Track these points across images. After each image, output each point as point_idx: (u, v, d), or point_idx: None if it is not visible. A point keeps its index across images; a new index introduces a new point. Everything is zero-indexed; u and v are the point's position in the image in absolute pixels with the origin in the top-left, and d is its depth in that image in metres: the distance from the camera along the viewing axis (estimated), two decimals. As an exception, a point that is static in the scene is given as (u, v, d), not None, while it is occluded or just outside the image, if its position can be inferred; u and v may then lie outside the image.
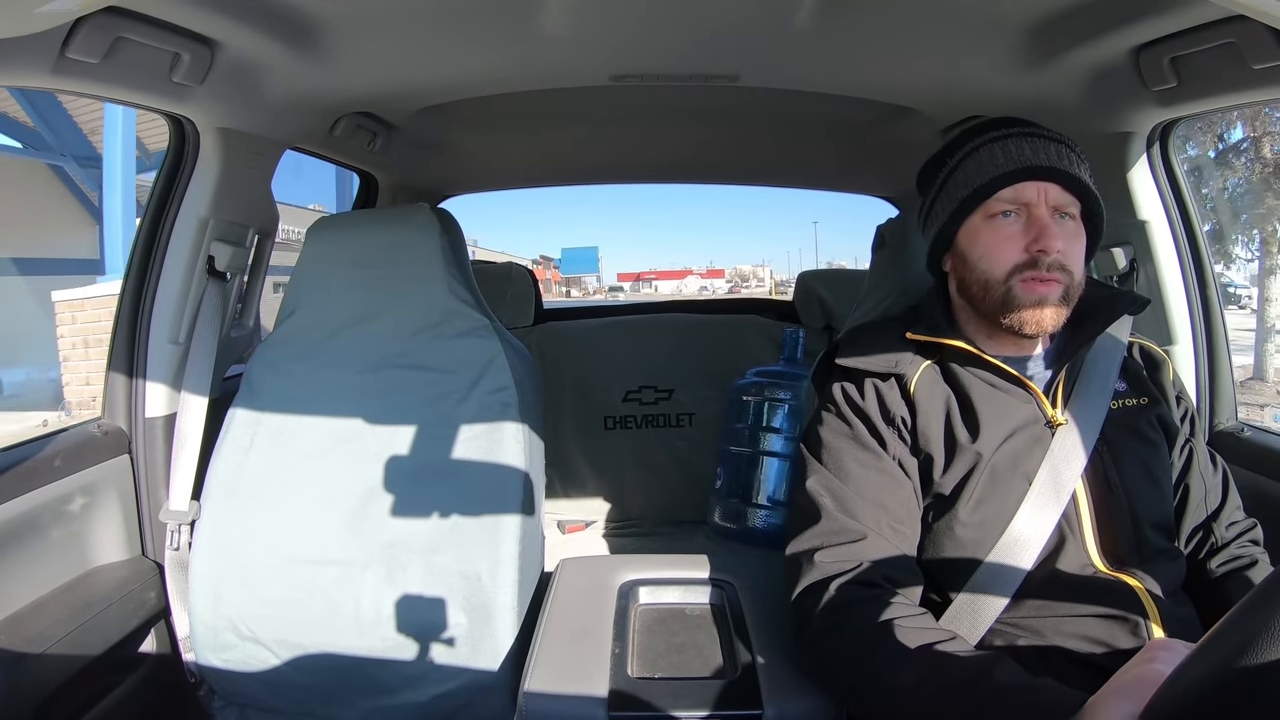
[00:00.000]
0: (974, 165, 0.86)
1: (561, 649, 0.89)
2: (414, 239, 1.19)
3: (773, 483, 1.55)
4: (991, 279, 0.84)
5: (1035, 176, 0.83)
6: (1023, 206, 0.84)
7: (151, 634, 1.20)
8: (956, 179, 0.88)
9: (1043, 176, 0.83)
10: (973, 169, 0.86)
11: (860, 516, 0.83)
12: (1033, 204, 0.83)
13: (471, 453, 1.09)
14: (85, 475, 1.14)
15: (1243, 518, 0.92)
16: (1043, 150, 0.84)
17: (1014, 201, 0.83)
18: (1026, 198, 0.83)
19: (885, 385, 0.89)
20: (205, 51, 0.97)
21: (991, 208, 0.84)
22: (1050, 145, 0.85)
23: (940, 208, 0.90)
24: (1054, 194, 0.83)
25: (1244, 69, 0.89)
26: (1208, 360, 1.23)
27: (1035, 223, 0.83)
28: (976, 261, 0.86)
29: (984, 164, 0.85)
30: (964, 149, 0.88)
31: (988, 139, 0.87)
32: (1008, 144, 0.85)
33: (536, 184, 2.34)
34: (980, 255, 0.85)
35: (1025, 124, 0.88)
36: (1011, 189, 0.83)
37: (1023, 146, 0.84)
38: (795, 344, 1.66)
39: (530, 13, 0.96)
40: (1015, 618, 0.80)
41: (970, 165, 0.87)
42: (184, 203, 1.21)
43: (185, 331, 1.23)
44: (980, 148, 0.87)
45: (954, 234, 0.88)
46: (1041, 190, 0.83)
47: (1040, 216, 0.83)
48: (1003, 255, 0.83)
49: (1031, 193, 0.83)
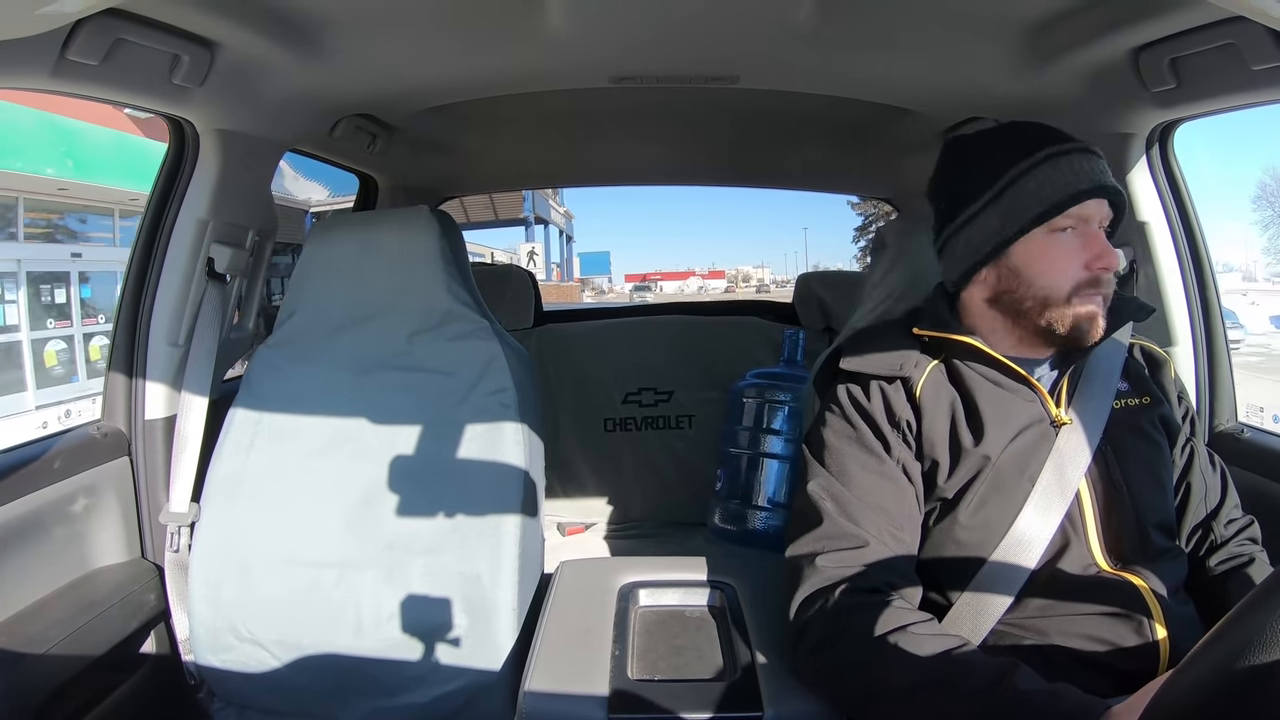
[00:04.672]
0: (1044, 180, 0.83)
1: (561, 651, 0.89)
2: (414, 240, 1.19)
3: (772, 485, 1.55)
4: (1054, 296, 0.83)
5: (1104, 195, 0.84)
6: (1080, 222, 0.84)
7: (151, 635, 1.20)
8: (1023, 193, 0.84)
9: (1109, 195, 0.84)
10: (1044, 184, 0.83)
11: (861, 521, 0.82)
12: (1091, 220, 0.84)
13: (471, 454, 1.09)
14: (85, 477, 1.14)
15: (1241, 516, 0.93)
16: (1099, 167, 0.85)
17: (1076, 218, 0.84)
18: (1088, 214, 0.83)
19: (891, 388, 0.88)
20: (205, 53, 0.97)
21: (1058, 223, 0.84)
22: (1099, 161, 0.85)
23: (996, 221, 0.85)
24: (1104, 210, 0.85)
25: (1243, 70, 0.90)
26: (1207, 361, 1.23)
27: (1094, 240, 0.83)
28: (1036, 278, 0.84)
29: (1054, 180, 0.83)
30: (1024, 162, 0.85)
31: (1049, 154, 0.84)
32: (1072, 160, 0.84)
33: (536, 185, 2.36)
34: (1042, 272, 0.84)
35: (1070, 137, 0.86)
36: (1079, 206, 0.83)
37: (1084, 163, 0.84)
38: (795, 346, 1.66)
39: (531, 14, 0.96)
40: (1018, 618, 0.80)
41: (1038, 180, 0.84)
42: (183, 204, 1.21)
43: (185, 333, 1.23)
44: (1044, 162, 0.84)
45: (1008, 248, 0.86)
46: (1099, 207, 0.84)
47: (1097, 234, 0.84)
48: (1067, 272, 0.83)
49: (1093, 209, 0.84)
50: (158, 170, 1.22)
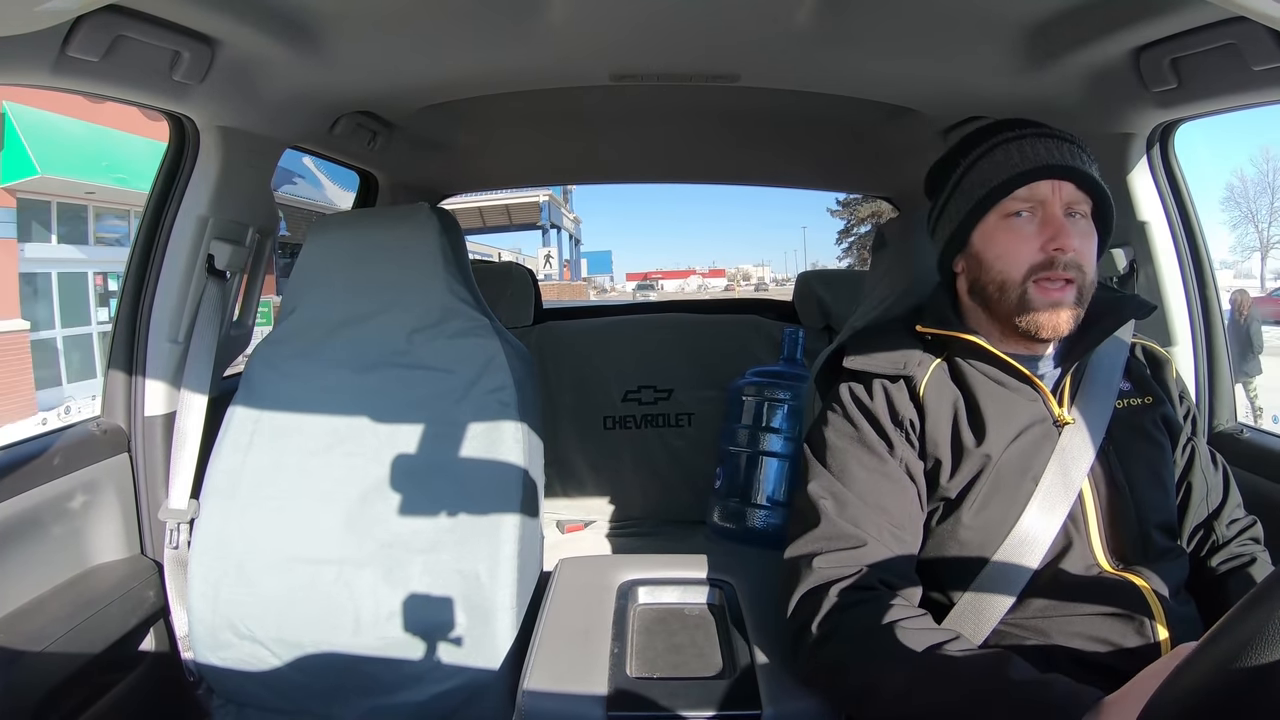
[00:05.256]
0: (989, 165, 0.86)
1: (560, 649, 0.89)
2: (413, 238, 1.19)
3: (772, 483, 1.55)
4: (1009, 280, 0.84)
5: (1051, 175, 0.83)
6: (1037, 205, 0.84)
7: (150, 633, 1.20)
8: (972, 179, 0.87)
9: (1058, 175, 0.83)
10: (988, 169, 0.86)
11: (861, 522, 0.82)
12: (1047, 203, 0.83)
13: (471, 452, 1.09)
14: (84, 474, 1.14)
15: (1243, 515, 0.93)
16: (1056, 149, 0.84)
17: (1029, 200, 0.84)
18: (1041, 196, 0.83)
19: (894, 387, 0.88)
20: (205, 50, 0.97)
21: (1007, 207, 0.84)
22: (1064, 145, 0.85)
23: (954, 208, 0.89)
24: (1067, 192, 0.83)
25: (1244, 70, 0.89)
26: (1207, 362, 1.23)
27: (1051, 222, 0.83)
28: (993, 262, 0.85)
29: (1000, 164, 0.85)
30: (978, 149, 0.88)
31: (1003, 139, 0.87)
32: (1023, 144, 0.85)
33: (537, 183, 2.36)
34: (997, 255, 0.85)
35: (1038, 125, 0.88)
36: (1027, 188, 0.83)
37: (1037, 146, 0.84)
38: (795, 344, 1.66)
39: (531, 13, 0.96)
40: (1020, 618, 0.80)
41: (985, 165, 0.86)
42: (184, 201, 1.21)
43: (185, 330, 1.23)
44: (995, 148, 0.86)
45: (968, 235, 0.88)
46: (1056, 189, 0.83)
47: (1055, 215, 0.83)
48: (1020, 255, 0.83)
49: (1046, 191, 0.83)
50: (158, 167, 1.22)
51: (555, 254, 22.28)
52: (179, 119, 1.16)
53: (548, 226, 20.95)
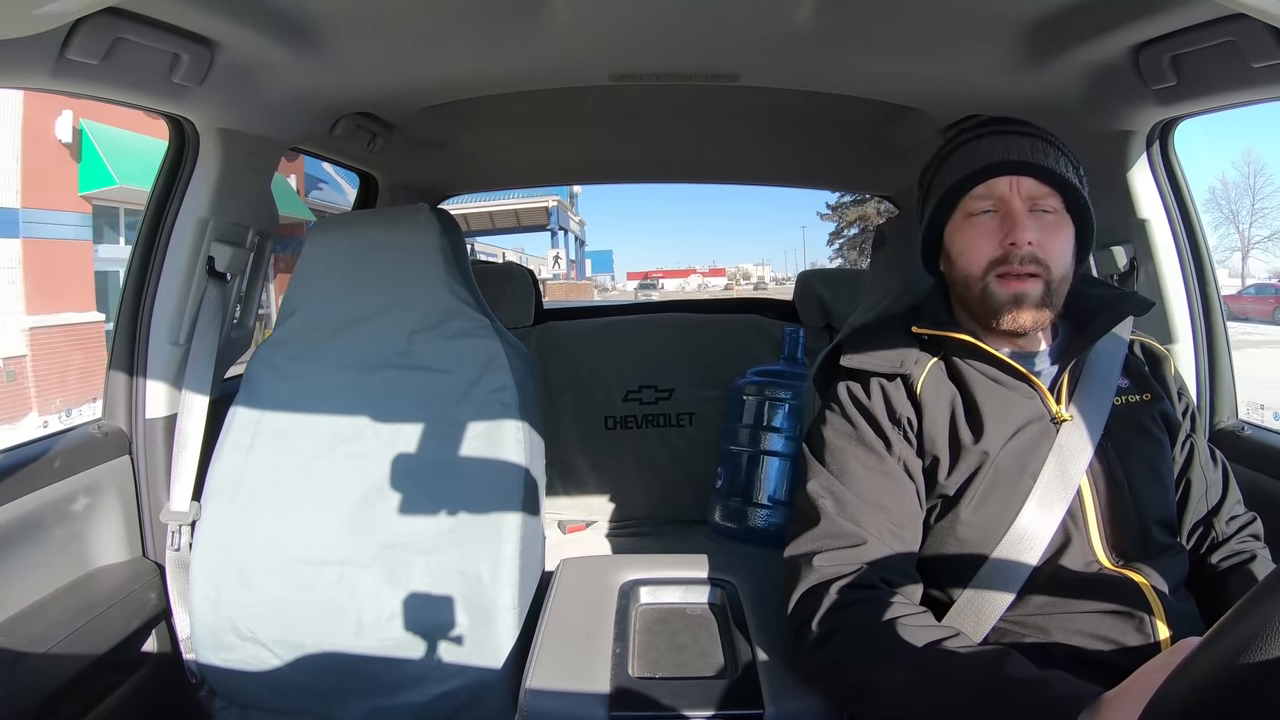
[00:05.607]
0: (951, 165, 0.89)
1: (562, 649, 0.89)
2: (414, 239, 1.19)
3: (773, 482, 1.55)
4: (971, 275, 0.86)
5: (1006, 171, 0.84)
6: (999, 202, 0.85)
7: (153, 634, 1.20)
8: (939, 180, 0.90)
9: (1013, 170, 0.84)
10: (951, 168, 0.89)
11: (860, 520, 0.82)
12: (1006, 198, 0.84)
13: (472, 452, 1.09)
14: (86, 476, 1.14)
15: (1243, 512, 0.93)
16: (1015, 145, 0.85)
17: (988, 197, 0.85)
18: (999, 192, 0.84)
19: (891, 385, 0.89)
20: (205, 52, 0.97)
21: (970, 206, 0.86)
22: (1025, 140, 0.86)
23: (926, 208, 0.93)
24: (1027, 186, 0.84)
25: (1244, 68, 0.89)
26: (1208, 359, 1.23)
27: (1009, 218, 0.84)
28: (957, 258, 0.88)
29: (959, 163, 0.88)
30: (944, 151, 0.92)
31: (963, 139, 0.90)
32: (980, 142, 0.87)
33: (537, 184, 2.35)
34: (960, 252, 0.87)
35: (1004, 121, 0.89)
36: (985, 185, 0.85)
37: (994, 143, 0.86)
38: (795, 343, 1.66)
39: (530, 13, 0.96)
40: (1019, 615, 0.80)
41: (949, 165, 0.89)
42: (184, 203, 1.21)
43: (185, 332, 1.23)
44: (958, 148, 0.89)
45: (939, 234, 0.91)
46: (1013, 184, 0.84)
47: (1014, 210, 0.84)
48: (980, 251, 0.85)
49: (1003, 187, 0.84)
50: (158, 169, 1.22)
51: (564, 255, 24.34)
52: (179, 121, 1.16)
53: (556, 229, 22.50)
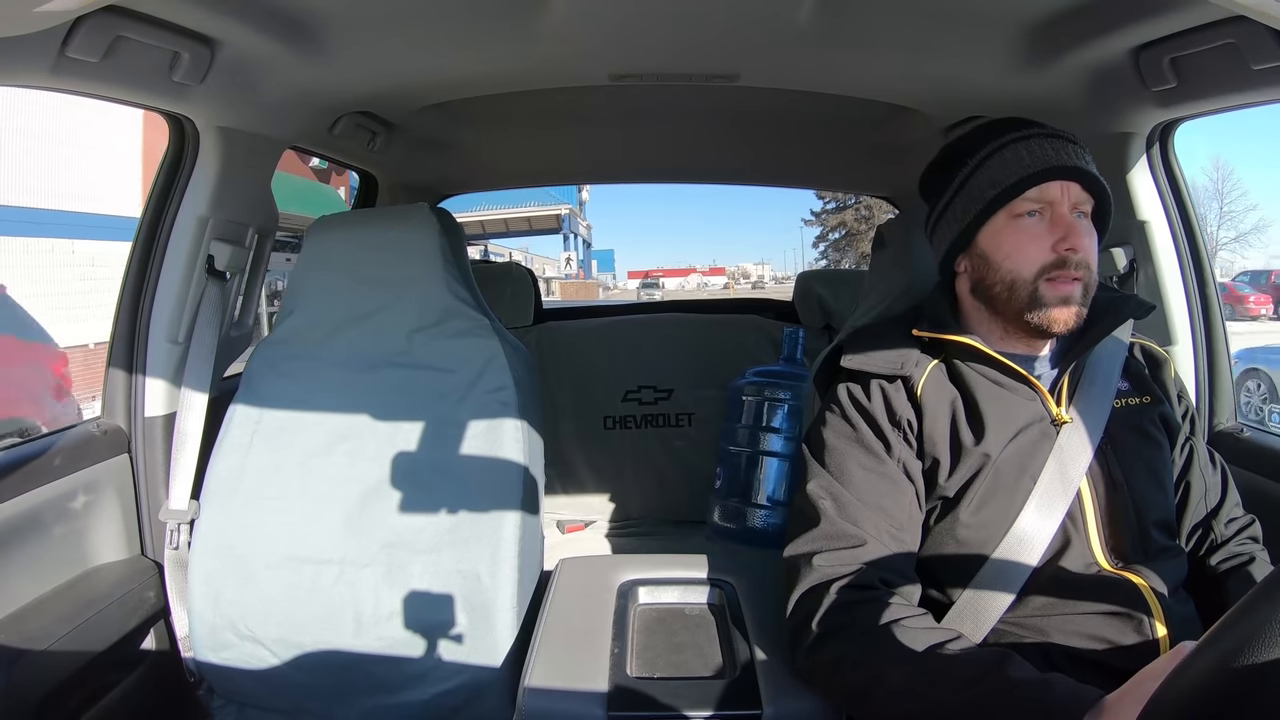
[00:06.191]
0: (999, 165, 0.86)
1: (561, 648, 0.89)
2: (413, 238, 1.19)
3: (772, 483, 1.55)
4: (1019, 279, 0.84)
5: (1061, 176, 0.84)
6: (1046, 206, 0.84)
7: (151, 633, 1.20)
8: (980, 179, 0.87)
9: (1068, 176, 0.84)
10: (998, 169, 0.86)
11: (860, 521, 0.82)
12: (1056, 203, 0.84)
13: (471, 452, 1.09)
14: (85, 474, 1.14)
15: (1242, 514, 0.93)
16: (1064, 151, 0.85)
17: (1039, 201, 0.84)
18: (1051, 197, 0.84)
19: (891, 387, 0.88)
20: (205, 50, 0.97)
21: (1017, 208, 0.85)
22: (1069, 146, 0.86)
23: (960, 208, 0.89)
24: (1075, 193, 0.84)
25: (1244, 70, 0.89)
26: (1207, 361, 1.23)
27: (1060, 222, 0.83)
28: (1002, 261, 0.85)
29: (1010, 164, 0.85)
30: (984, 150, 0.88)
31: (1010, 139, 0.87)
32: (1030, 144, 0.86)
33: (536, 183, 2.35)
34: (1006, 255, 0.85)
35: (1042, 125, 0.88)
36: (1038, 189, 0.84)
37: (1045, 146, 0.85)
38: (795, 344, 1.66)
39: (530, 12, 0.96)
40: (1019, 616, 0.81)
41: (995, 165, 0.86)
42: (183, 202, 1.20)
43: (185, 331, 1.23)
44: (1004, 148, 0.87)
45: (974, 235, 0.88)
46: (1065, 190, 0.84)
47: (1064, 216, 0.84)
48: (1030, 255, 0.84)
49: (1056, 192, 0.84)
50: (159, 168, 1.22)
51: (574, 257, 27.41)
52: (179, 120, 1.16)
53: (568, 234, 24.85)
